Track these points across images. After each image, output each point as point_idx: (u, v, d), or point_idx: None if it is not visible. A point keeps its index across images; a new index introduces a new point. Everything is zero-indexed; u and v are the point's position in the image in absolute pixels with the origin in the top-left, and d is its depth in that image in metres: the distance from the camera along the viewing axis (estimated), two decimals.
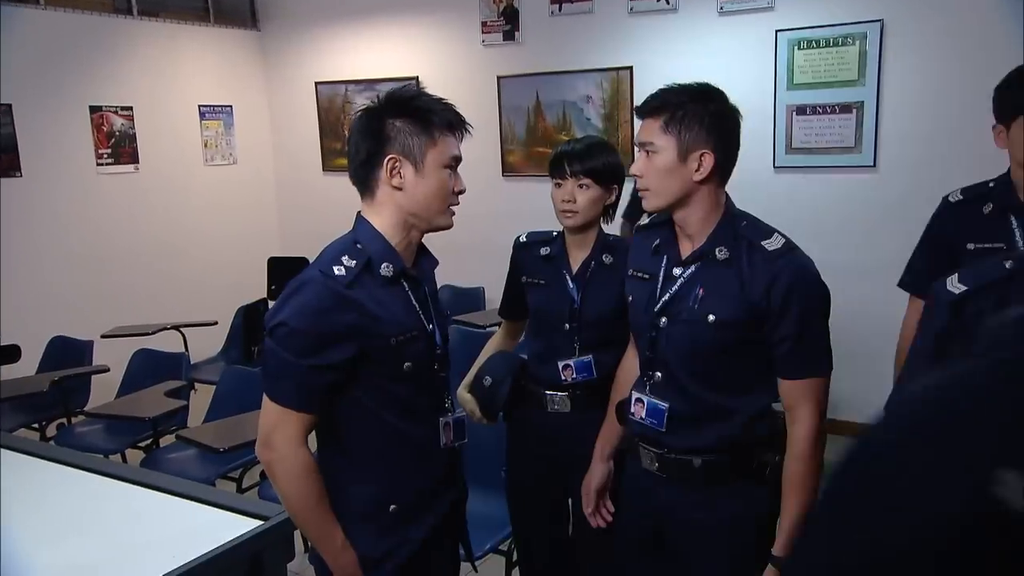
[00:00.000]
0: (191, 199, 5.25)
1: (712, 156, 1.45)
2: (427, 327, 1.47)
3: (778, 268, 1.43)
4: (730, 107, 1.49)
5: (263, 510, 1.50)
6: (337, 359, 1.35)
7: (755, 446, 1.52)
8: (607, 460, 1.80)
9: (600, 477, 1.80)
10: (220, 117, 5.43)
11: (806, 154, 3.94)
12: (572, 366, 1.93)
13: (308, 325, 1.33)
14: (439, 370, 1.51)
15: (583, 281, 1.93)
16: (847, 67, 3.78)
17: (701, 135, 1.44)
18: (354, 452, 1.44)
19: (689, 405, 1.53)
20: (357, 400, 1.41)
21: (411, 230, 1.45)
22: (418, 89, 1.45)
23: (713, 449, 1.52)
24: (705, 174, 1.45)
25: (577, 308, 1.92)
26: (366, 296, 1.37)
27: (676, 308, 1.52)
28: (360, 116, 1.43)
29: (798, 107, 3.92)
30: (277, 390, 1.37)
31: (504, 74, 4.73)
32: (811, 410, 1.47)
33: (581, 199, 1.87)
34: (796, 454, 1.48)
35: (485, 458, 2.25)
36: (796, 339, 1.44)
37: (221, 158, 5.47)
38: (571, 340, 1.94)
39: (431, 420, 1.49)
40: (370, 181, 1.42)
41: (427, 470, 1.49)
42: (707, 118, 1.45)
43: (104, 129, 4.76)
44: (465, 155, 1.48)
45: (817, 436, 1.47)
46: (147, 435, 3.28)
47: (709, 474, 1.53)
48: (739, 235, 1.48)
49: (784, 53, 3.90)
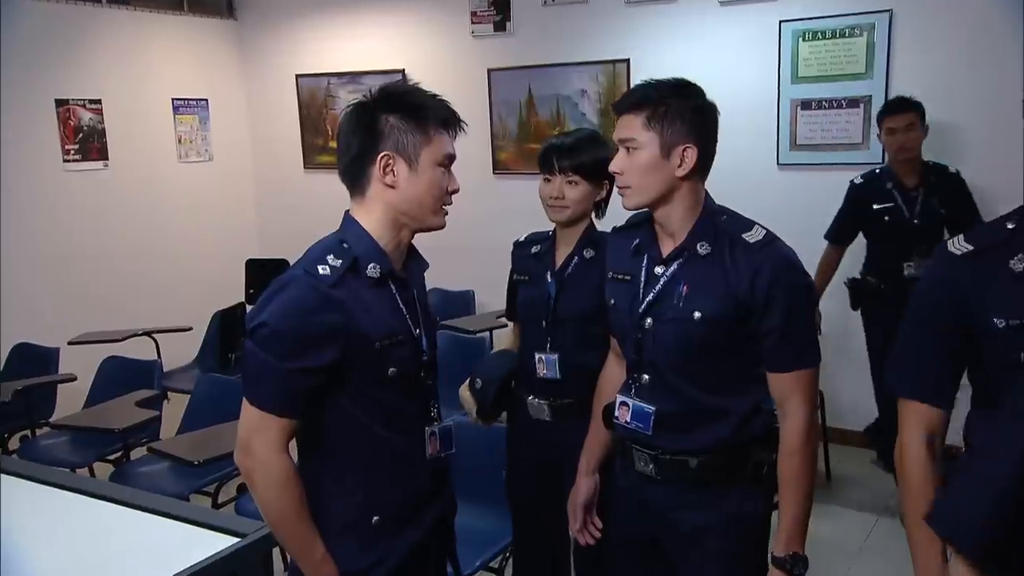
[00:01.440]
0: (164, 198, 5.23)
1: (695, 150, 1.49)
2: (413, 331, 1.48)
3: (761, 259, 1.47)
4: (709, 103, 1.54)
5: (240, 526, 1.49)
6: (320, 362, 1.35)
7: (750, 446, 1.55)
8: (592, 474, 1.82)
9: (586, 492, 1.82)
10: (195, 111, 5.42)
11: (811, 151, 3.96)
12: (544, 360, 1.96)
13: (290, 326, 1.34)
14: (425, 377, 1.51)
15: (562, 277, 1.95)
16: (854, 59, 3.80)
17: (683, 130, 1.49)
18: (336, 460, 1.45)
19: (679, 406, 1.56)
20: (340, 406, 1.41)
21: (401, 230, 1.46)
22: (412, 84, 1.46)
23: (707, 450, 1.54)
24: (688, 169, 1.50)
25: (552, 304, 1.94)
26: (351, 297, 1.38)
27: (661, 308, 1.55)
28: (352, 110, 1.44)
29: (803, 101, 3.94)
30: (257, 393, 1.37)
31: (495, 67, 4.74)
32: (802, 402, 1.51)
33: (570, 195, 1.91)
34: (789, 449, 1.51)
35: (476, 469, 2.25)
36: (783, 330, 1.48)
37: (196, 154, 5.45)
38: (546, 337, 1.97)
39: (416, 429, 1.50)
40: (361, 178, 1.43)
41: (412, 481, 1.50)
42: (689, 113, 1.50)
43: (71, 124, 4.74)
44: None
45: (810, 429, 1.51)
46: (117, 447, 3.26)
47: (705, 475, 1.55)
48: (720, 230, 1.52)
49: (788, 45, 3.93)
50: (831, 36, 3.83)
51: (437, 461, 1.53)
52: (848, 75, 3.82)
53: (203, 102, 5.47)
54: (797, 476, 1.51)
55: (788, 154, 4.01)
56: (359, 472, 1.45)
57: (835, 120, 3.88)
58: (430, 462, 1.52)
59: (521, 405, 2.03)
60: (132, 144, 5.02)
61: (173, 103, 5.28)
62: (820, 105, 3.90)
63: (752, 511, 1.57)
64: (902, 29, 3.71)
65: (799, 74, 3.93)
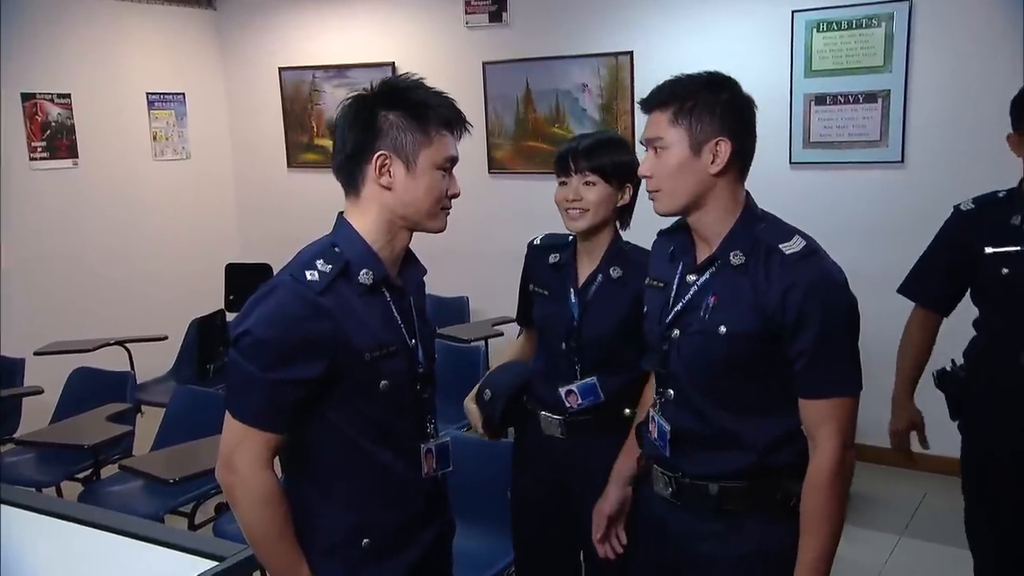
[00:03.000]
0: (138, 198, 5.22)
1: (729, 143, 1.46)
2: (408, 342, 1.47)
3: (796, 273, 1.44)
4: (744, 96, 1.51)
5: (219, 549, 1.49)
6: (306, 374, 1.35)
7: (779, 475, 1.52)
8: (624, 485, 1.79)
9: (614, 502, 1.79)
10: (171, 106, 5.41)
11: (826, 149, 3.98)
12: (576, 392, 1.93)
13: (275, 335, 1.33)
14: (421, 391, 1.50)
15: (586, 296, 1.93)
16: (872, 52, 3.82)
17: (715, 124, 1.46)
18: (324, 479, 1.44)
19: (700, 426, 1.54)
20: (328, 421, 1.41)
21: (397, 233, 1.46)
22: (416, 79, 1.45)
23: (729, 476, 1.52)
24: (722, 164, 1.47)
25: (576, 326, 1.93)
26: (340, 305, 1.37)
27: (688, 319, 1.53)
28: (349, 104, 1.43)
29: (817, 96, 3.96)
30: (240, 406, 1.37)
31: (490, 60, 4.74)
32: (832, 434, 1.46)
33: (588, 197, 1.87)
34: (814, 484, 1.47)
35: (477, 488, 2.25)
36: (815, 353, 1.44)
37: (172, 152, 5.44)
38: (570, 361, 1.94)
39: (411, 446, 1.49)
40: (356, 177, 1.43)
41: (406, 501, 1.49)
42: (720, 107, 1.47)
43: (38, 119, 4.73)
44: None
45: (839, 465, 1.46)
46: (86, 465, 3.25)
47: (726, 503, 1.53)
48: (757, 238, 1.49)
49: (802, 36, 3.94)
50: (847, 27, 3.85)
51: (433, 480, 1.53)
52: (865, 68, 3.84)
53: (180, 96, 5.46)
54: (821, 516, 1.46)
55: (801, 152, 4.03)
56: (348, 491, 1.44)
57: (851, 116, 3.90)
58: (426, 481, 1.51)
59: (532, 420, 2.01)
60: (104, 141, 5.01)
61: (148, 98, 5.27)
62: (835, 100, 3.92)
63: (776, 548, 1.52)
64: (922, 19, 3.73)
65: (813, 67, 3.94)
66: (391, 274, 1.47)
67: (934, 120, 3.77)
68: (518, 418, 2.05)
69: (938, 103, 3.76)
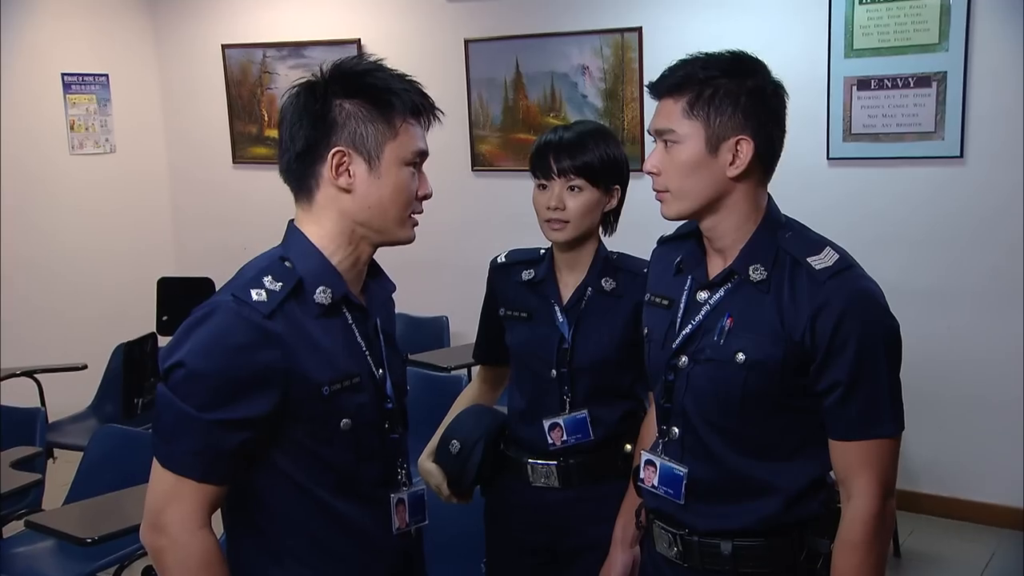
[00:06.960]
0: (52, 199, 5.21)
1: (751, 143, 1.47)
2: (375, 372, 1.48)
3: (827, 293, 1.45)
4: (773, 83, 1.52)
5: None
6: (251, 412, 1.35)
7: (805, 529, 1.53)
8: (631, 546, 1.80)
9: (621, 569, 1.79)
10: (92, 90, 5.42)
11: (870, 141, 4.01)
12: (561, 426, 1.93)
13: (213, 367, 1.33)
14: (390, 430, 1.51)
15: (576, 314, 1.94)
16: (924, 27, 3.85)
17: (736, 119, 1.47)
18: (273, 537, 1.44)
19: (713, 472, 1.54)
20: (277, 467, 1.40)
21: (359, 244, 1.46)
22: (374, 60, 1.46)
23: (747, 532, 1.52)
24: (742, 167, 1.48)
25: (568, 349, 1.93)
26: (292, 330, 1.38)
27: (699, 344, 1.54)
28: (297, 93, 1.44)
29: (860, 80, 3.99)
30: (171, 453, 1.36)
31: (473, 37, 4.77)
32: (870, 482, 1.47)
33: (572, 205, 1.88)
34: (847, 540, 1.48)
35: (455, 544, 2.24)
36: (850, 387, 1.45)
37: (94, 144, 5.44)
38: (559, 391, 1.95)
39: (379, 496, 1.49)
40: (308, 179, 1.43)
41: (373, 562, 1.49)
42: (743, 97, 1.48)
43: None
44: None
45: (878, 519, 1.47)
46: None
47: (742, 564, 1.53)
48: (781, 249, 1.50)
49: (841, 9, 3.98)
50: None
51: (406, 536, 1.52)
52: (917, 46, 3.87)
53: (102, 78, 5.46)
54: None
55: (841, 146, 4.06)
56: (303, 552, 1.43)
57: (900, 103, 3.93)
58: (396, 538, 1.51)
59: (513, 472, 2.00)
60: (10, 131, 4.99)
61: (63, 80, 5.27)
62: (881, 84, 3.95)
63: None
64: None
65: (855, 46, 3.98)
66: (353, 291, 1.47)
67: (999, 108, 3.79)
68: (496, 471, 2.01)
69: (1004, 87, 3.77)
